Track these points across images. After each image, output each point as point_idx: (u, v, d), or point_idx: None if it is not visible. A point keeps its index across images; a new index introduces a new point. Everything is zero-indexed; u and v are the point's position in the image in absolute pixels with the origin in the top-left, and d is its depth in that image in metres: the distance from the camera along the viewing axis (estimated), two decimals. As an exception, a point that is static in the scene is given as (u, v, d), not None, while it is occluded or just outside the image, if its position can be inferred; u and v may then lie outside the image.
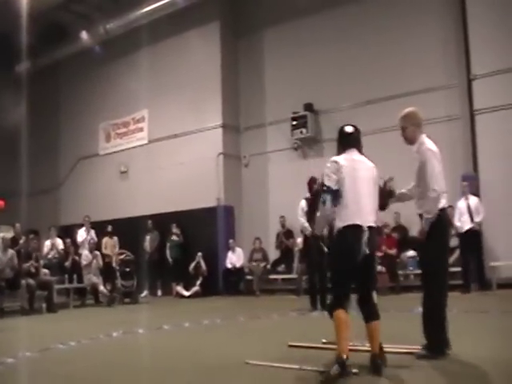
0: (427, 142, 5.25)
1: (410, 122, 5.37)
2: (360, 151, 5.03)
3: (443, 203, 5.17)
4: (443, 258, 5.27)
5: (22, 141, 18.99)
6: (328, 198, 4.80)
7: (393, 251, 13.12)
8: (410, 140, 5.38)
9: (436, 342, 5.06)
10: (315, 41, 15.93)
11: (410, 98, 13.21)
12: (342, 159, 4.89)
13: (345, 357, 4.43)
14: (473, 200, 12.20)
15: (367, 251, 4.66)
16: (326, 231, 7.34)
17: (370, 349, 4.71)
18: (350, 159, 4.90)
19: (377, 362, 4.56)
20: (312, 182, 9.94)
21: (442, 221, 5.17)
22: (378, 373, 4.48)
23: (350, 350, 4.65)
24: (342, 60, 15.47)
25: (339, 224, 4.78)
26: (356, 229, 4.71)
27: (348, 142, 5.04)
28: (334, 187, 4.78)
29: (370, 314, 4.72)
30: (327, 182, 4.84)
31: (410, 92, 13.50)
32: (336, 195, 4.78)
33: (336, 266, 4.92)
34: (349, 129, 5.11)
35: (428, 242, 5.16)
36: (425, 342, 5.09)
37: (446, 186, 5.23)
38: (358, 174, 4.84)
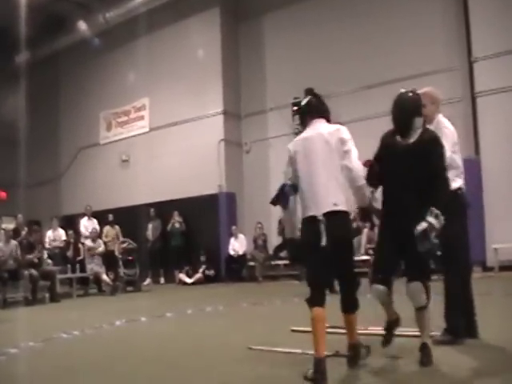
0: (444, 121, 5.16)
1: (430, 100, 5.20)
2: (325, 119, 4.48)
3: (460, 182, 5.04)
4: (464, 239, 5.08)
5: (23, 132, 18.98)
6: (289, 197, 4.43)
7: None
8: (429, 118, 5.10)
9: (455, 326, 4.93)
10: (316, 26, 15.85)
11: (411, 82, 12.94)
12: (293, 145, 4.49)
13: (321, 356, 3.96)
14: None
15: (324, 243, 4.07)
16: None
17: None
18: (303, 138, 4.43)
19: (351, 354, 4.38)
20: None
21: (460, 200, 5.02)
22: (350, 365, 4.34)
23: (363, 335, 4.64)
24: (343, 44, 15.40)
25: (302, 216, 4.38)
26: (311, 220, 4.20)
27: (307, 113, 4.55)
28: (290, 182, 4.42)
29: (341, 305, 4.33)
30: (284, 180, 4.48)
31: (411, 75, 13.41)
32: (294, 190, 4.40)
33: (305, 259, 4.50)
34: (304, 100, 4.62)
35: (447, 223, 5.02)
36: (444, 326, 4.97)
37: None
38: (311, 155, 4.32)
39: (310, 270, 4.36)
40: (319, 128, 4.39)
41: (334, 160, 4.23)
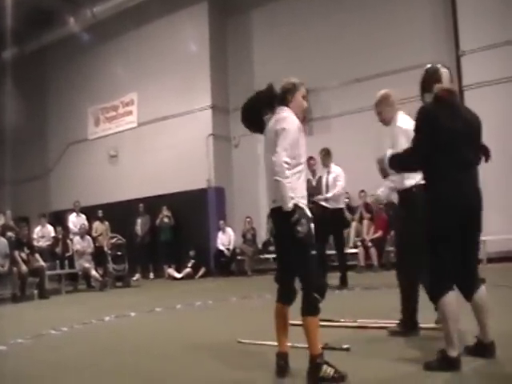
0: (399, 120, 5.15)
1: (384, 104, 5.28)
2: (273, 108, 4.45)
3: (417, 179, 4.96)
4: (418, 234, 4.90)
5: (10, 127, 18.85)
6: None
7: (378, 233, 13.03)
8: (388, 122, 5.28)
9: (409, 318, 5.11)
10: (303, 20, 15.85)
11: (398, 75, 13.18)
12: None
13: (280, 351, 4.13)
14: (334, 172, 10.03)
15: (268, 236, 4.23)
16: None
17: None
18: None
19: (309, 369, 3.87)
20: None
21: (417, 197, 4.93)
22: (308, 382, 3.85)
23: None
24: (331, 38, 15.43)
25: None
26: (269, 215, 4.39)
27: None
28: None
29: (302, 306, 3.93)
30: None
31: (398, 69, 13.47)
32: None
33: None
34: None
35: (404, 217, 5.14)
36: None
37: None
38: (264, 148, 4.38)
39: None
40: (269, 122, 4.36)
41: (271, 154, 4.07)
